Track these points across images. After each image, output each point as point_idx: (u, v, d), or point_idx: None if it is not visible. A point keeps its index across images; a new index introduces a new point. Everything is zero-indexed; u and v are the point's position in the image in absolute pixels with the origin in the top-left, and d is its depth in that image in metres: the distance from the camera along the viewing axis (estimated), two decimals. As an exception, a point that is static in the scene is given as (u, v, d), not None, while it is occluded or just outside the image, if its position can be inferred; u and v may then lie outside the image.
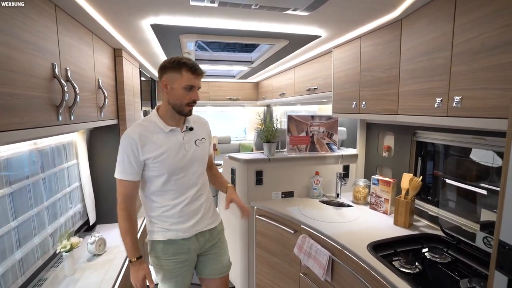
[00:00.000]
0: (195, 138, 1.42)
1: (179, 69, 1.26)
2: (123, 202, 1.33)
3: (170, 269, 1.37)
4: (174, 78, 1.27)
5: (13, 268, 1.29)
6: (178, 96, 1.29)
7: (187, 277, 1.43)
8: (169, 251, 1.36)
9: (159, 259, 1.37)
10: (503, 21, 0.99)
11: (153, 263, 1.41)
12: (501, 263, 0.80)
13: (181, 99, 1.30)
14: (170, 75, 1.28)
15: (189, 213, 1.39)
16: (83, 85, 1.49)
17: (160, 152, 1.29)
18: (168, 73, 1.28)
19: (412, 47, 1.45)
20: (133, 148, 1.27)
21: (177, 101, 1.30)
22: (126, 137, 1.29)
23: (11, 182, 1.31)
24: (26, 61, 0.99)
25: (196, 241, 1.42)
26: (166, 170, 1.31)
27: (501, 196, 0.80)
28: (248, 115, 5.25)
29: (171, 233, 1.36)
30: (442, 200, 1.72)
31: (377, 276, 1.28)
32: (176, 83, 1.28)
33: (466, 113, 1.15)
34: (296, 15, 1.49)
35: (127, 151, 1.28)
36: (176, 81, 1.27)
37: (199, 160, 1.42)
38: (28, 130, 1.00)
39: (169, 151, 1.31)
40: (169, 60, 1.29)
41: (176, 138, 1.35)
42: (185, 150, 1.36)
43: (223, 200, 2.64)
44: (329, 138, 2.47)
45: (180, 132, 1.37)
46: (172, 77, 1.28)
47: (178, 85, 1.27)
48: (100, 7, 1.37)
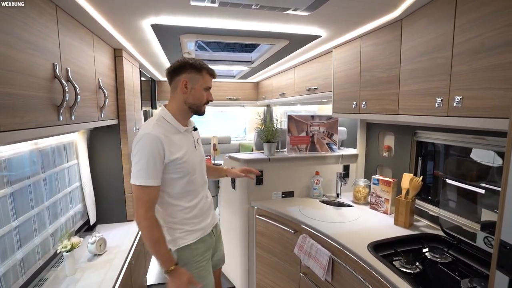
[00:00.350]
0: (197, 137, 1.49)
1: (200, 70, 1.31)
2: (149, 211, 1.21)
3: (202, 269, 1.37)
4: (195, 79, 1.31)
5: (14, 268, 1.29)
6: (199, 96, 1.33)
7: (213, 276, 1.46)
8: (198, 252, 1.37)
9: (190, 266, 1.33)
10: (503, 21, 0.99)
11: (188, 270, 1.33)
12: (502, 263, 0.80)
13: (201, 99, 1.34)
14: (191, 75, 1.30)
15: (206, 210, 1.43)
16: (84, 85, 1.49)
17: (183, 153, 1.29)
18: (189, 73, 1.30)
19: (412, 47, 1.45)
20: (160, 149, 1.21)
21: (197, 101, 1.34)
22: (151, 138, 1.20)
23: (12, 182, 1.31)
24: (27, 61, 0.99)
25: (213, 235, 1.49)
26: (188, 171, 1.31)
27: (502, 196, 0.80)
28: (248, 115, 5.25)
29: (197, 234, 1.37)
30: (442, 200, 1.72)
31: (378, 276, 1.28)
32: (197, 84, 1.32)
33: (467, 113, 1.15)
34: (297, 15, 1.49)
35: (153, 153, 1.20)
36: (198, 82, 1.31)
37: (203, 158, 1.49)
38: (29, 130, 1.00)
39: (188, 151, 1.33)
40: (188, 61, 1.31)
41: (190, 137, 1.39)
42: (195, 149, 1.40)
43: (224, 200, 2.65)
44: (329, 138, 2.47)
45: (190, 132, 1.41)
46: (193, 78, 1.31)
47: (200, 85, 1.32)
48: (100, 7, 1.37)
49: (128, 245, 1.87)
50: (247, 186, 2.28)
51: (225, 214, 2.65)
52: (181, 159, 1.28)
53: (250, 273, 2.39)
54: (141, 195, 1.21)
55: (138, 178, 1.20)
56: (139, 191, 1.20)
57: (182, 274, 1.26)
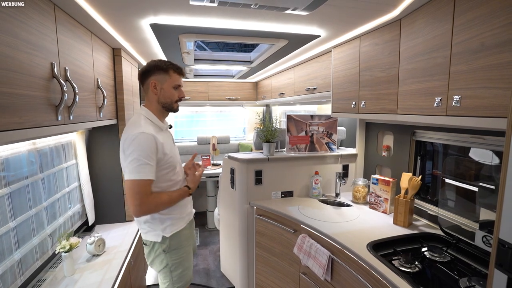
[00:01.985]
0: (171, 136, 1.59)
1: (167, 70, 1.39)
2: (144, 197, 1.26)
3: (187, 253, 1.52)
4: (163, 79, 1.39)
5: (12, 268, 1.28)
6: (169, 95, 1.41)
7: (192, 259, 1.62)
8: (185, 238, 1.50)
9: (178, 250, 1.46)
10: (501, 21, 0.99)
11: (170, 260, 1.45)
12: (500, 262, 0.80)
13: (171, 97, 1.42)
14: (159, 76, 1.38)
15: (187, 199, 1.55)
16: (82, 85, 1.49)
17: (169, 149, 1.40)
18: (156, 75, 1.38)
19: (411, 46, 1.45)
20: (154, 146, 1.29)
21: (167, 100, 1.42)
22: (145, 136, 1.27)
23: (10, 182, 1.31)
24: (25, 60, 0.99)
25: (193, 223, 1.64)
26: (174, 165, 1.43)
27: (500, 195, 0.80)
28: (247, 115, 5.25)
29: (183, 221, 1.50)
30: (441, 200, 1.72)
31: (377, 275, 1.28)
32: (165, 84, 1.40)
33: (465, 112, 1.15)
34: (296, 14, 1.49)
35: (149, 150, 1.27)
36: (166, 82, 1.39)
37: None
38: (27, 130, 0.99)
39: (171, 147, 1.45)
40: (152, 64, 1.39)
41: (169, 134, 1.51)
42: (173, 145, 1.52)
43: (223, 200, 2.64)
44: (328, 138, 2.47)
45: (167, 129, 1.52)
46: (161, 78, 1.39)
47: (168, 85, 1.40)
48: (99, 7, 1.37)
49: (127, 246, 1.86)
50: (246, 186, 2.28)
51: (224, 214, 2.64)
52: (169, 154, 1.39)
53: (249, 273, 2.39)
54: (136, 189, 1.25)
55: (134, 173, 1.25)
56: (134, 185, 1.25)
57: (194, 181, 1.52)
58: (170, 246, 1.43)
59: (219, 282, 2.70)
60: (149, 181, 1.28)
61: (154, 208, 1.32)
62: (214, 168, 3.74)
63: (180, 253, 1.47)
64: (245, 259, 2.37)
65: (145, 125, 1.33)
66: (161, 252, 1.43)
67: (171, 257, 1.44)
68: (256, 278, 2.33)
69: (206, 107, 4.96)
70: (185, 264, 1.50)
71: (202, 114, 5.13)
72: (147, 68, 1.39)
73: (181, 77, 1.45)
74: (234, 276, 2.56)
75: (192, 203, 1.65)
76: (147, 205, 1.28)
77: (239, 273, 2.44)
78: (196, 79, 4.24)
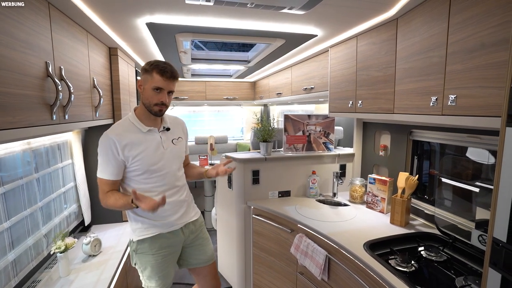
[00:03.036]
0: (172, 137, 1.51)
1: (151, 71, 1.35)
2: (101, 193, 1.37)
3: (158, 263, 1.44)
4: (146, 80, 1.37)
5: (5, 269, 1.27)
6: (147, 96, 1.37)
7: (172, 270, 1.52)
8: (155, 246, 1.43)
9: (145, 255, 1.43)
10: (495, 20, 1.00)
11: (139, 261, 1.45)
12: (494, 260, 0.81)
13: (150, 99, 1.37)
14: (144, 76, 1.38)
15: (174, 207, 1.47)
16: (78, 84, 1.48)
17: (139, 151, 1.36)
18: (143, 75, 1.38)
19: (408, 46, 1.45)
20: (112, 148, 1.32)
21: (146, 101, 1.38)
22: (104, 138, 1.33)
23: (4, 183, 1.30)
24: (19, 59, 0.98)
25: (182, 233, 1.51)
26: (146, 168, 1.38)
27: (495, 194, 0.80)
28: (245, 115, 5.25)
29: (157, 228, 1.44)
30: (438, 199, 1.72)
31: (374, 275, 1.28)
32: (147, 84, 1.37)
33: (461, 112, 1.15)
34: (292, 14, 1.48)
35: (107, 152, 1.32)
36: (147, 82, 1.36)
37: (177, 157, 1.52)
38: (21, 129, 0.99)
39: (147, 149, 1.39)
40: (145, 64, 1.39)
41: (153, 137, 1.43)
42: (163, 148, 1.44)
43: (220, 200, 2.64)
44: (325, 137, 2.47)
45: (157, 132, 1.45)
46: (145, 78, 1.37)
47: (149, 86, 1.36)
48: (94, 6, 1.36)
49: (124, 246, 1.86)
50: (243, 185, 2.28)
51: (221, 214, 2.64)
52: (136, 157, 1.35)
53: (247, 273, 2.38)
54: (100, 185, 1.36)
55: (98, 171, 1.36)
56: (98, 182, 1.36)
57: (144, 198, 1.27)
58: (137, 249, 1.44)
59: (217, 282, 2.69)
60: (105, 180, 1.35)
61: (106, 206, 1.36)
62: (212, 168, 3.72)
63: (146, 259, 1.43)
64: (242, 259, 2.36)
65: (117, 125, 1.39)
66: (132, 251, 1.47)
67: (139, 259, 1.45)
68: (253, 278, 2.33)
69: (203, 107, 4.96)
70: (155, 271, 1.44)
71: (200, 114, 5.12)
72: (142, 66, 1.41)
73: (166, 80, 1.35)
74: (231, 276, 2.56)
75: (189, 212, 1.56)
76: (102, 201, 1.36)
77: (236, 273, 2.43)
78: (194, 79, 4.23)
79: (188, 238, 1.54)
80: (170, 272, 1.51)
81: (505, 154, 0.77)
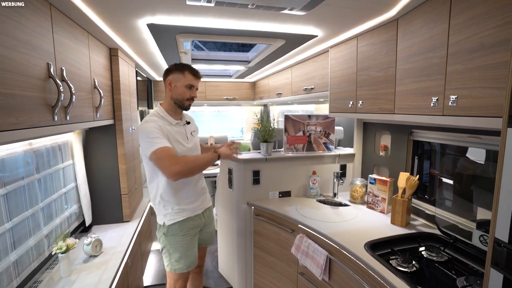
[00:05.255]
0: (191, 130, 1.75)
1: (183, 70, 1.58)
2: (174, 162, 1.43)
3: (187, 242, 1.64)
4: (178, 78, 1.59)
5: (7, 270, 1.28)
6: (180, 92, 1.60)
7: (196, 250, 1.71)
8: (185, 227, 1.63)
9: (176, 237, 1.61)
10: (496, 21, 1.00)
11: (168, 243, 1.62)
12: (496, 261, 0.81)
13: (182, 95, 1.60)
14: (175, 75, 1.59)
15: (198, 193, 1.70)
16: (79, 85, 1.48)
17: (172, 141, 1.54)
18: (173, 74, 1.59)
19: (408, 46, 1.46)
20: (156, 126, 1.49)
21: (179, 97, 1.60)
22: (151, 122, 1.50)
23: (6, 183, 1.30)
24: (21, 60, 0.98)
25: (203, 216, 1.75)
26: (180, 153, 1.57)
27: (496, 194, 0.80)
28: (245, 115, 5.25)
29: (186, 212, 1.63)
30: (438, 199, 1.73)
31: (375, 275, 1.29)
32: (179, 82, 1.59)
33: (462, 112, 1.16)
34: (293, 14, 1.49)
35: (158, 130, 1.48)
36: (180, 80, 1.59)
37: (196, 147, 1.76)
38: (23, 130, 0.99)
39: (177, 140, 1.59)
40: (174, 64, 1.61)
41: (180, 129, 1.65)
42: (187, 139, 1.67)
43: (220, 200, 2.64)
44: (326, 138, 2.47)
45: (181, 125, 1.68)
46: (177, 77, 1.59)
47: (181, 83, 1.59)
48: (96, 7, 1.36)
49: (125, 246, 1.86)
50: (244, 186, 2.28)
51: (222, 214, 2.64)
52: (173, 143, 1.54)
53: (247, 273, 2.39)
54: (166, 154, 1.43)
55: (155, 145, 1.43)
56: (161, 152, 1.43)
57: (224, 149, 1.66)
58: (168, 232, 1.61)
59: (217, 282, 2.70)
60: (167, 147, 1.45)
61: (181, 170, 1.42)
62: (212, 168, 3.72)
63: (177, 240, 1.61)
64: (243, 259, 2.37)
65: (153, 118, 1.55)
66: (162, 235, 1.63)
67: (169, 241, 1.61)
68: (254, 279, 2.33)
69: (203, 107, 4.96)
70: (183, 251, 1.62)
71: (200, 114, 5.12)
72: (168, 68, 1.61)
73: (196, 79, 1.62)
74: (232, 277, 2.56)
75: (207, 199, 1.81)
76: (175, 167, 1.41)
77: (237, 273, 2.43)
78: (194, 79, 4.23)
79: (205, 221, 1.77)
80: (195, 252, 1.69)
81: (506, 155, 0.78)
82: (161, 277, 2.78)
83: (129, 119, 2.38)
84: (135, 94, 2.74)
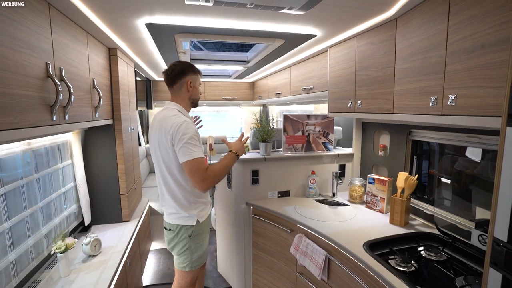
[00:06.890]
0: None
1: (196, 71, 1.67)
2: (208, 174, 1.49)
3: (207, 236, 1.72)
4: (195, 79, 1.67)
5: (6, 269, 1.27)
6: (197, 93, 1.70)
7: None
8: (207, 224, 1.71)
9: (201, 235, 1.64)
10: (494, 20, 1.00)
11: (193, 244, 1.62)
12: (495, 260, 0.81)
13: (198, 94, 1.71)
14: (193, 76, 1.64)
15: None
16: (78, 85, 1.48)
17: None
18: (190, 75, 1.63)
19: (407, 46, 1.46)
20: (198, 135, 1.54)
21: (196, 96, 1.70)
22: (190, 123, 1.51)
23: (4, 183, 1.30)
24: (19, 60, 0.98)
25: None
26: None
27: (495, 194, 0.80)
28: (244, 115, 5.25)
29: (208, 209, 1.72)
30: (437, 199, 1.73)
31: (373, 275, 1.29)
32: (196, 83, 1.68)
33: (461, 112, 1.16)
34: (291, 14, 1.49)
35: (197, 136, 1.51)
36: (196, 81, 1.68)
37: None
38: (22, 129, 0.98)
39: None
40: (185, 64, 1.62)
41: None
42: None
43: (219, 200, 2.64)
44: (325, 138, 2.47)
45: None
46: (194, 78, 1.66)
47: (197, 84, 1.69)
48: (94, 6, 1.36)
49: (123, 246, 1.85)
50: (243, 185, 2.28)
51: (221, 214, 2.64)
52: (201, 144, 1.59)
53: (246, 273, 2.39)
54: (200, 165, 1.46)
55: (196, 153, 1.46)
56: (196, 164, 1.46)
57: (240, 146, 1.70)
58: (194, 232, 1.61)
59: (216, 282, 2.70)
60: (202, 158, 1.49)
61: (213, 180, 1.50)
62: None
63: (202, 237, 1.65)
64: (241, 259, 2.37)
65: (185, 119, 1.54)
66: (186, 237, 1.60)
67: (194, 241, 1.62)
68: (253, 278, 2.33)
69: (202, 107, 4.96)
70: (204, 247, 1.69)
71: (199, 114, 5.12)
72: (182, 68, 1.60)
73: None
74: (231, 276, 2.56)
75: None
76: (207, 180, 1.48)
77: (236, 273, 2.43)
78: (193, 79, 4.23)
79: None
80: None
81: (505, 154, 0.78)
82: (160, 277, 2.77)
83: (128, 119, 2.37)
84: (134, 94, 2.74)
